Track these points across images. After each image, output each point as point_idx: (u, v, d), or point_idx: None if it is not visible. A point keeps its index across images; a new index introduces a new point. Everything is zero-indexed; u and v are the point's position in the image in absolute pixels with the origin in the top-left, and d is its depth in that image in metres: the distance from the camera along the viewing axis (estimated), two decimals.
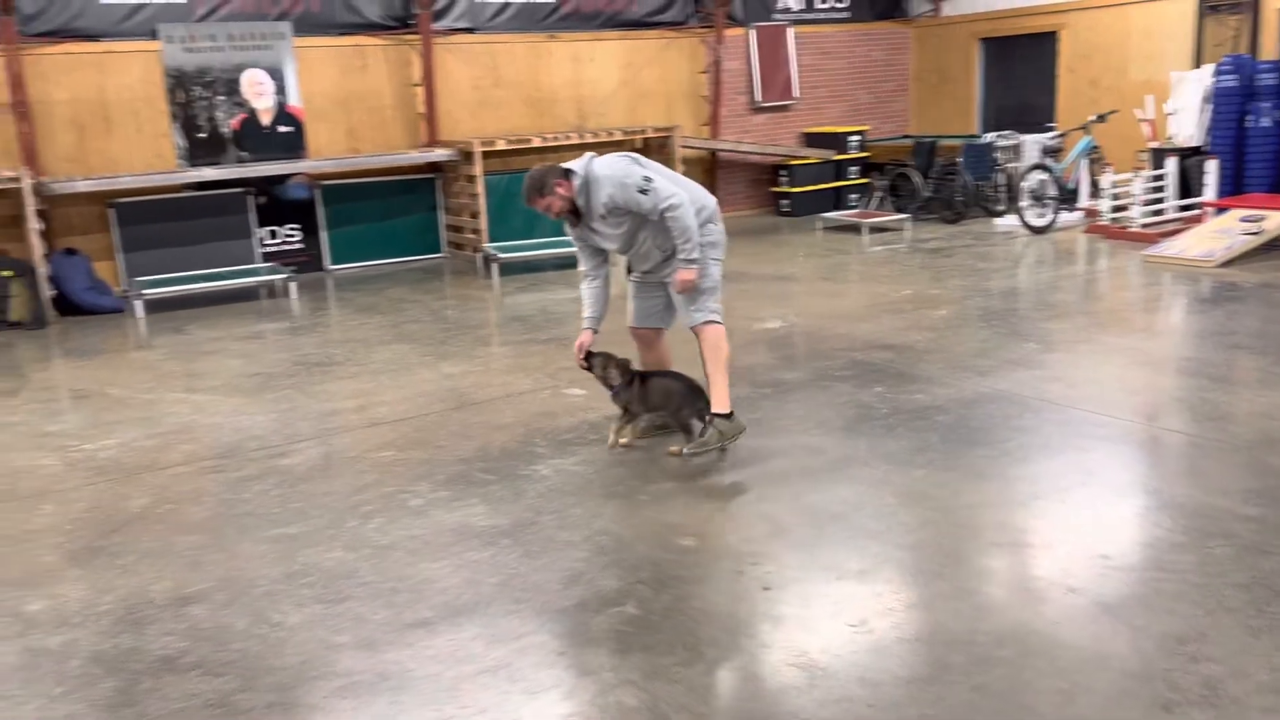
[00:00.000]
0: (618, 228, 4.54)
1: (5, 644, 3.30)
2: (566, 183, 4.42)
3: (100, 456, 5.11)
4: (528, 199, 4.47)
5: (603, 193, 4.40)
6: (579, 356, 4.78)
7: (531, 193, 4.44)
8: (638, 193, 4.38)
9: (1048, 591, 3.33)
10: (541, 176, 4.43)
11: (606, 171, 4.43)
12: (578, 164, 4.46)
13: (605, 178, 4.41)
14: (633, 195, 4.39)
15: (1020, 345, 6.30)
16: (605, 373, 4.73)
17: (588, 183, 4.43)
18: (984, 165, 11.39)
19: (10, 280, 8.22)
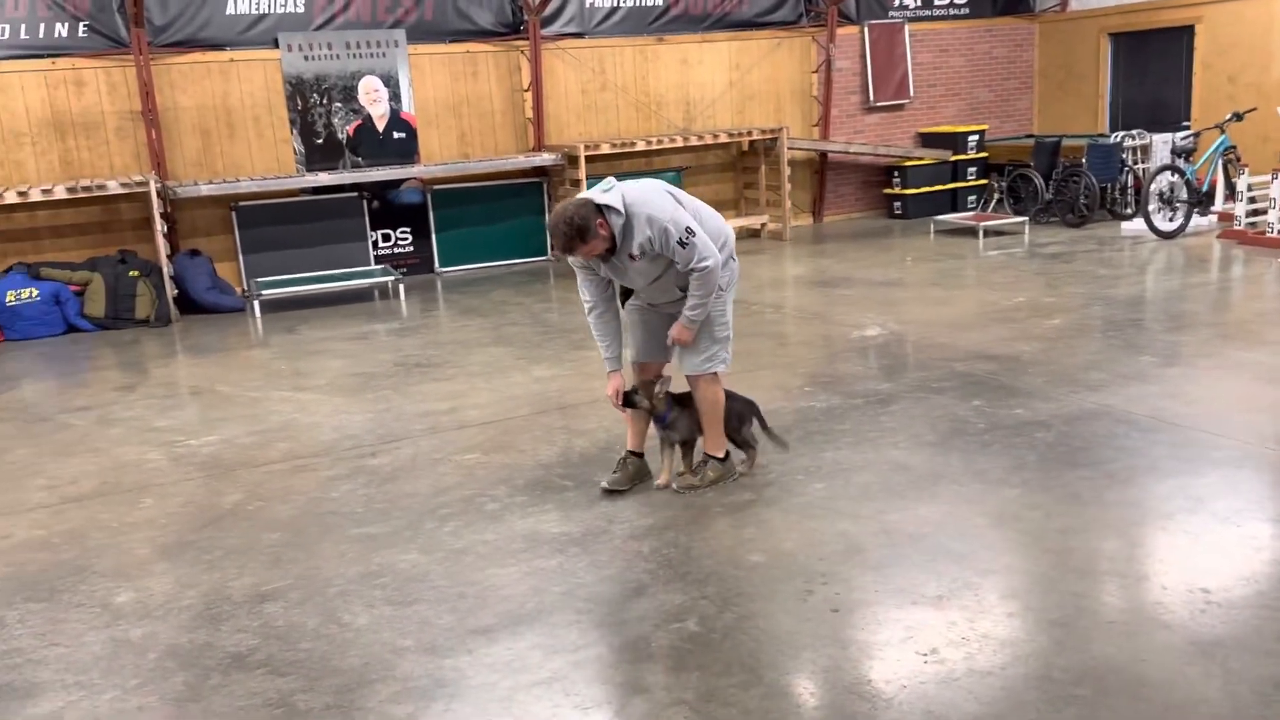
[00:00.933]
0: (647, 267, 4.07)
1: (93, 633, 3.45)
2: (605, 221, 3.89)
3: (202, 452, 5.31)
4: (566, 247, 3.85)
5: (641, 235, 3.91)
6: (616, 402, 4.30)
7: (572, 240, 3.82)
8: (677, 244, 3.92)
9: (1138, 626, 3.11)
10: (582, 219, 3.80)
11: (647, 211, 3.90)
12: (612, 198, 3.89)
13: (647, 219, 3.90)
14: (671, 245, 3.93)
15: (1136, 359, 5.96)
16: (655, 402, 4.30)
17: (628, 222, 3.91)
18: (1110, 166, 10.86)
19: (137, 280, 8.67)
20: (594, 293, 4.20)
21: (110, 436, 5.68)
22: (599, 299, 4.20)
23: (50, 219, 9.09)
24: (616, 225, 3.89)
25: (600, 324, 4.22)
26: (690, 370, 4.27)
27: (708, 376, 4.26)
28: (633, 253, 3.96)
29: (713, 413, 4.33)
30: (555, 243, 3.88)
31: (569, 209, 3.82)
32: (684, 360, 4.28)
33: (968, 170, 12.33)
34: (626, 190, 3.93)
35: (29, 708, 3.03)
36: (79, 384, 6.97)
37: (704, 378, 4.26)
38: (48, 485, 4.95)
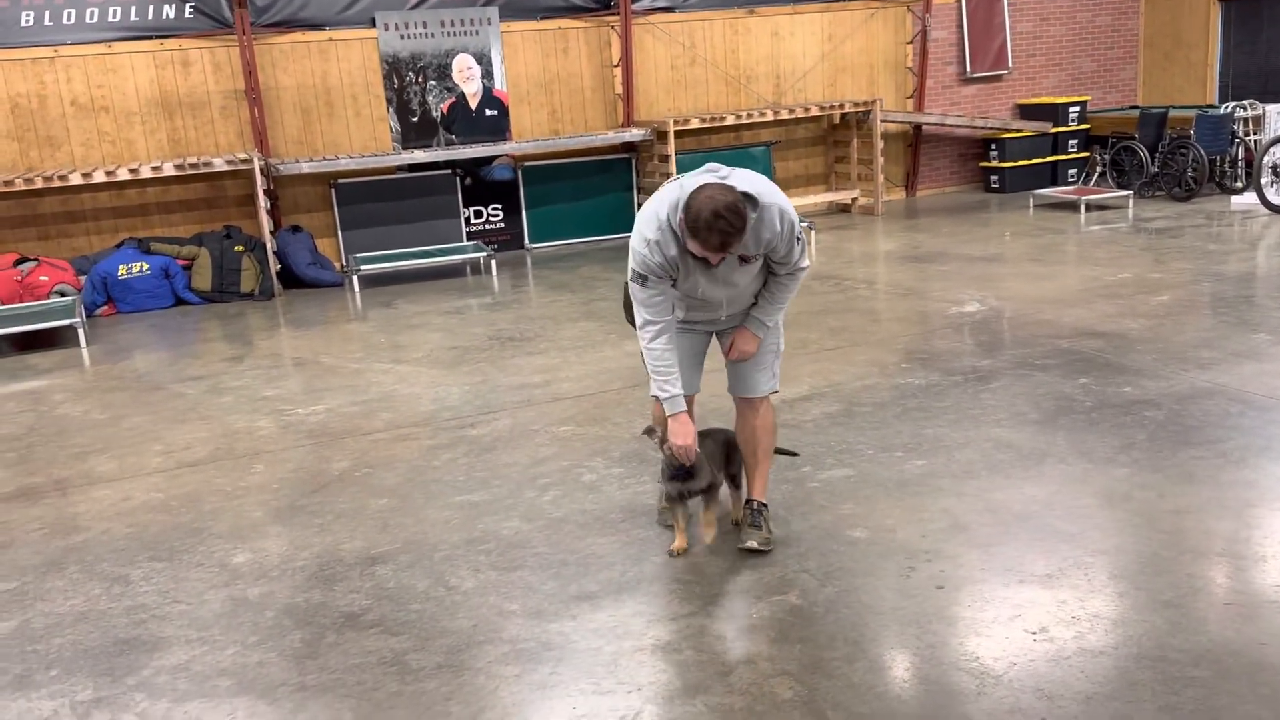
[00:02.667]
0: (750, 271, 3.40)
1: (213, 591, 3.60)
2: None
3: (310, 421, 5.48)
4: (725, 244, 3.09)
5: (771, 230, 3.27)
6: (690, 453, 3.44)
7: (735, 236, 3.08)
8: (796, 239, 3.35)
9: (1257, 609, 3.02)
10: (744, 212, 3.08)
11: (778, 203, 3.27)
12: (746, 185, 3.19)
13: (779, 211, 3.27)
14: (791, 241, 3.33)
15: (1249, 336, 5.74)
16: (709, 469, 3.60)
17: (760, 216, 3.23)
18: (1220, 138, 10.42)
19: (242, 255, 8.95)
20: (662, 311, 3.36)
21: (221, 405, 5.89)
22: (666, 318, 3.37)
23: (159, 195, 9.43)
24: (750, 220, 3.16)
25: (668, 350, 3.38)
26: (758, 391, 3.64)
27: (769, 399, 3.70)
28: (749, 254, 3.32)
29: (773, 436, 3.74)
30: (711, 240, 3.06)
31: (725, 195, 3.05)
32: (747, 381, 3.64)
33: (1069, 143, 11.96)
34: (748, 178, 3.24)
35: (157, 659, 3.18)
36: (189, 355, 7.24)
37: (767, 400, 3.69)
38: (164, 451, 5.17)
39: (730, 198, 3.06)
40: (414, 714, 2.80)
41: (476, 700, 2.85)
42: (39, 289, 8.32)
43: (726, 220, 3.03)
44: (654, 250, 3.24)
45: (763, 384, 3.65)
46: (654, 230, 3.24)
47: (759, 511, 3.68)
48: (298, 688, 2.97)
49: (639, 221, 3.30)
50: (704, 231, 3.06)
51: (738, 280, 3.41)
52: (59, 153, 9.10)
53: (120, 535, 4.15)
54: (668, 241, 3.23)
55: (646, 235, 3.25)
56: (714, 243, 3.08)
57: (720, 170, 3.24)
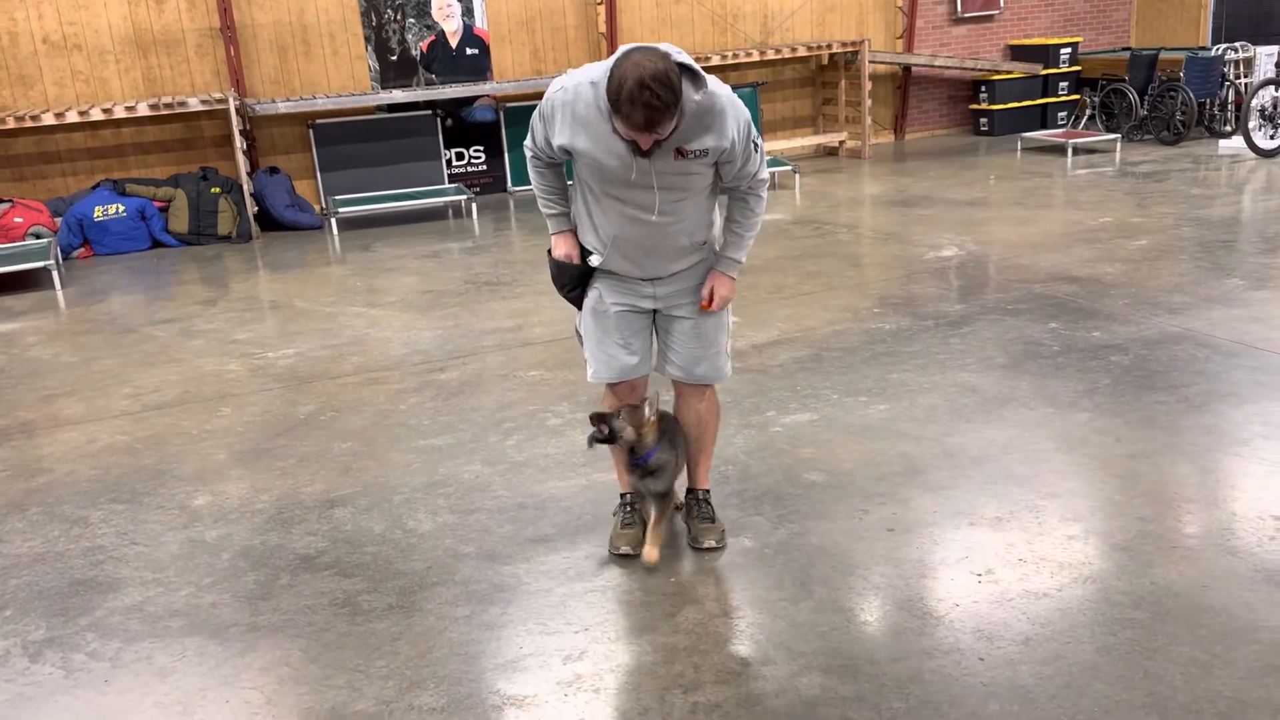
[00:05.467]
0: (679, 180, 2.83)
1: (171, 534, 3.62)
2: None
3: (279, 365, 5.47)
4: (651, 124, 2.55)
5: (720, 127, 2.74)
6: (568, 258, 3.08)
7: (665, 112, 2.53)
8: (749, 143, 2.83)
9: (1201, 552, 3.04)
10: (676, 84, 2.53)
11: (731, 96, 2.78)
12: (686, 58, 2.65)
13: (731, 104, 2.76)
14: (745, 145, 2.82)
15: (1223, 281, 5.72)
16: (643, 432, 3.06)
17: (707, 106, 2.71)
18: (1210, 81, 10.30)
19: (219, 196, 8.86)
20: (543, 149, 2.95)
21: (192, 348, 5.87)
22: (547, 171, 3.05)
23: (134, 136, 9.30)
24: (690, 103, 2.65)
25: (550, 174, 3.05)
26: (708, 376, 3.18)
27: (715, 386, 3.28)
28: (687, 148, 2.74)
29: (718, 425, 3.38)
30: (634, 116, 2.52)
31: (655, 62, 2.51)
32: (696, 365, 3.14)
33: (1059, 85, 11.81)
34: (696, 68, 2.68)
35: (111, 600, 3.20)
36: (164, 297, 7.20)
37: (714, 387, 3.29)
38: (132, 394, 5.16)
39: (661, 65, 2.51)
40: (362, 654, 2.83)
41: (424, 640, 2.88)
42: (14, 230, 8.24)
43: (652, 91, 2.48)
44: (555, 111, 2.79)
45: (716, 368, 3.18)
46: (569, 91, 2.75)
47: (706, 501, 3.36)
48: (249, 628, 2.99)
49: (562, 76, 2.83)
50: (625, 105, 2.51)
51: (672, 185, 2.82)
52: (32, 92, 8.96)
53: (83, 477, 4.16)
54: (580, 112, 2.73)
55: (564, 90, 2.77)
56: (637, 119, 2.53)
57: (672, 51, 2.65)
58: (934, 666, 2.62)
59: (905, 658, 2.66)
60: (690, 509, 3.39)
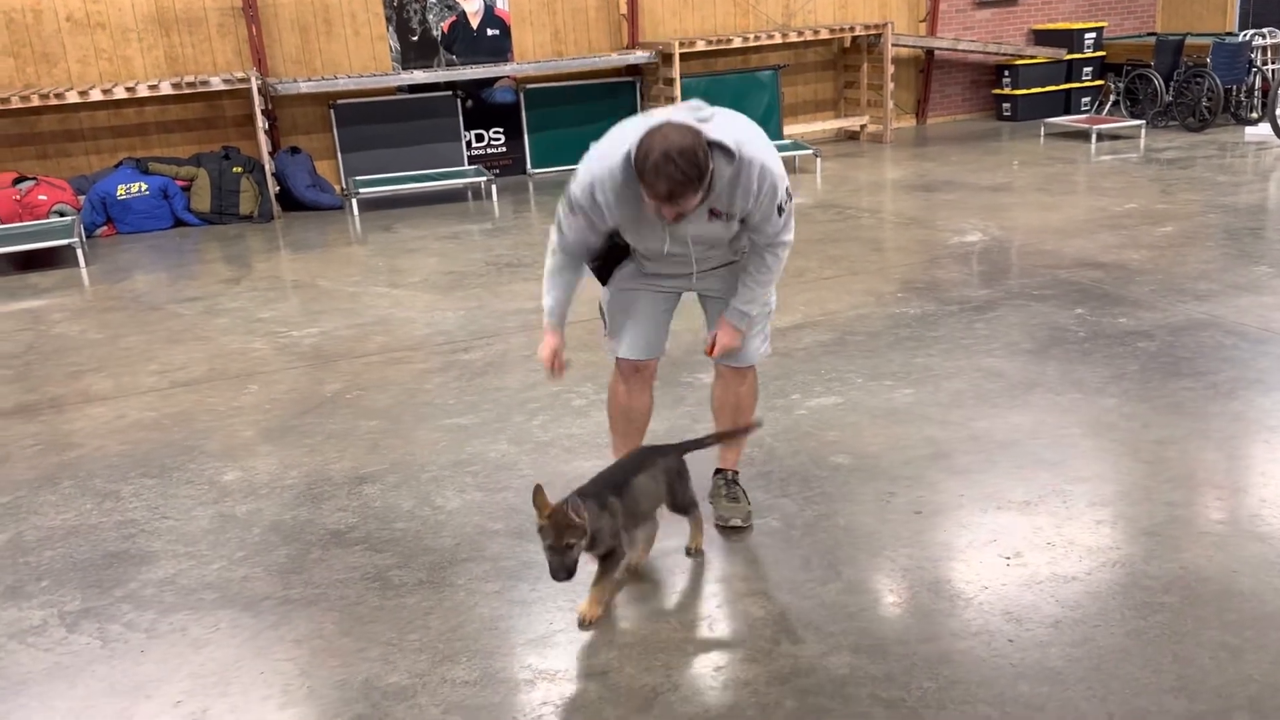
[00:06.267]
0: (720, 231, 2.91)
1: (202, 508, 3.65)
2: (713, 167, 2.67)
3: (304, 343, 5.50)
4: (674, 197, 2.60)
5: (747, 187, 2.77)
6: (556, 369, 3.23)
7: (689, 186, 2.58)
8: (776, 209, 2.85)
9: (1230, 537, 3.03)
10: (701, 160, 2.58)
11: (761, 158, 2.76)
12: (722, 133, 2.68)
13: (761, 169, 2.75)
14: (769, 208, 2.83)
15: (1250, 268, 5.69)
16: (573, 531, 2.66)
17: (737, 170, 2.73)
18: (1237, 67, 10.20)
19: (241, 176, 8.89)
20: (577, 244, 2.99)
21: (217, 326, 5.91)
22: (579, 252, 3.03)
23: (157, 115, 9.34)
24: (722, 176, 2.71)
25: (566, 273, 3.08)
26: (749, 360, 3.23)
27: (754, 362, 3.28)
28: (719, 209, 2.82)
29: (754, 410, 3.39)
30: (657, 187, 2.58)
31: (679, 138, 2.56)
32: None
33: (1083, 70, 11.72)
34: (732, 124, 2.75)
35: (144, 573, 3.24)
36: (187, 276, 7.24)
37: (755, 370, 3.33)
38: (159, 370, 5.20)
39: (687, 141, 2.56)
40: (394, 627, 2.86)
41: (455, 615, 2.90)
42: (38, 208, 8.29)
43: (676, 166, 2.53)
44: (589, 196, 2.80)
45: (753, 350, 3.21)
46: (605, 167, 2.76)
47: (734, 482, 3.38)
48: (281, 601, 3.02)
49: (599, 146, 2.82)
50: (650, 176, 2.58)
51: (708, 236, 2.91)
52: (55, 69, 9.00)
53: (113, 452, 4.20)
54: (618, 183, 2.74)
55: (590, 174, 2.79)
56: (660, 190, 2.58)
57: (702, 110, 2.74)
58: (963, 648, 2.63)
59: (934, 639, 2.67)
60: (717, 488, 3.40)
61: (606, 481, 2.89)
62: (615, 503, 2.81)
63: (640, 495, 2.92)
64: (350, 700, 2.56)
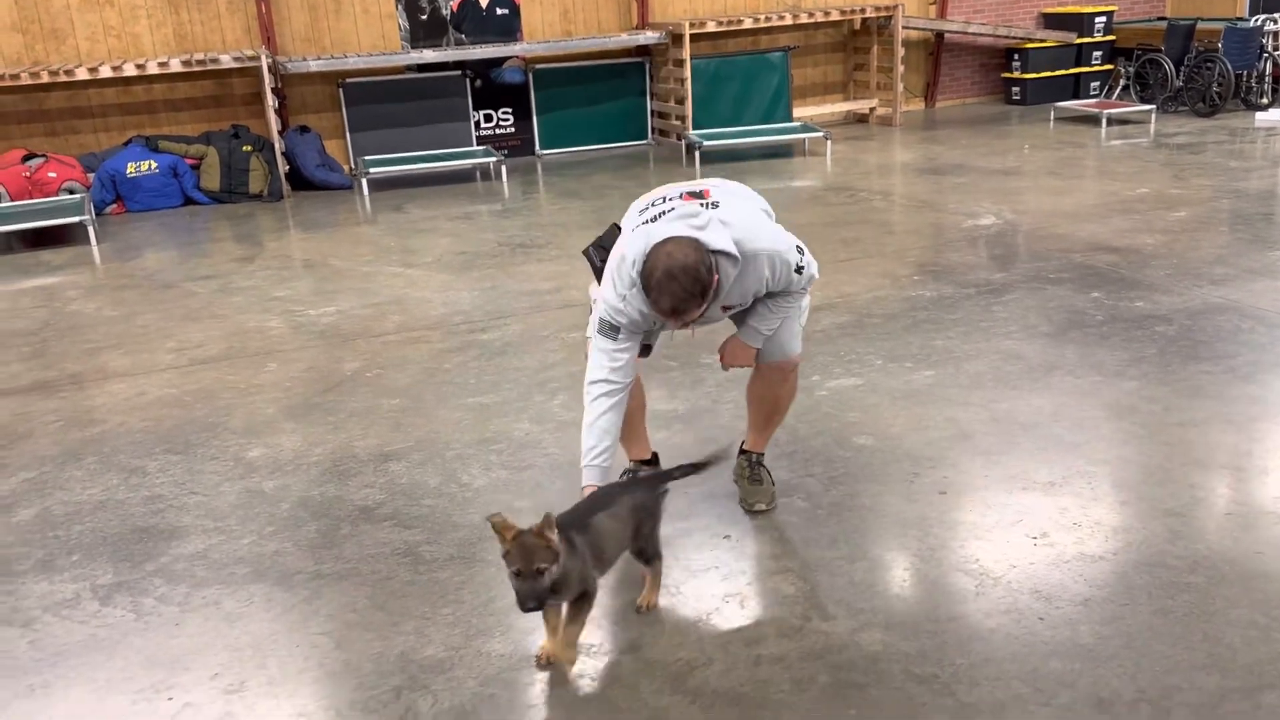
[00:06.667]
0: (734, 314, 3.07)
1: (229, 484, 3.67)
2: (717, 277, 2.74)
3: (321, 322, 5.50)
4: (679, 309, 2.65)
5: (757, 279, 2.87)
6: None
7: (689, 304, 2.65)
8: (795, 272, 2.92)
9: (1256, 520, 3.06)
10: (704, 276, 2.64)
11: (766, 249, 2.84)
12: (721, 240, 2.74)
13: (768, 259, 2.84)
14: (785, 280, 2.92)
15: (1265, 253, 5.70)
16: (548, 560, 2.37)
17: (743, 270, 2.82)
18: (1248, 52, 10.18)
19: (251, 155, 8.87)
20: (624, 372, 2.89)
21: (232, 304, 5.91)
22: (625, 380, 2.90)
23: (166, 93, 9.31)
24: (729, 278, 2.80)
25: (612, 414, 2.88)
26: (780, 356, 3.16)
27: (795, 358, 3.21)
28: (731, 304, 2.94)
29: (788, 408, 3.38)
30: (661, 303, 2.64)
31: (682, 255, 2.62)
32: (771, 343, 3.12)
33: (1093, 54, 11.69)
34: (727, 218, 2.80)
35: (175, 547, 3.26)
36: (199, 254, 7.23)
37: (796, 365, 3.24)
38: (176, 348, 5.20)
39: (691, 258, 2.61)
40: (427, 602, 2.88)
41: (487, 590, 2.92)
42: (47, 185, 8.27)
43: (680, 284, 2.60)
44: (629, 303, 2.78)
45: (786, 346, 3.15)
46: (627, 283, 2.77)
47: (759, 464, 3.36)
48: (314, 575, 3.04)
49: (611, 266, 2.85)
50: (654, 294, 2.64)
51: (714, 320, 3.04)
52: (64, 46, 8.96)
53: (136, 428, 4.21)
54: (639, 296, 2.75)
55: (620, 288, 2.79)
56: (665, 307, 2.64)
57: (698, 216, 2.75)
58: (994, 625, 2.65)
59: (964, 616, 2.70)
60: (741, 470, 3.41)
61: (568, 520, 2.55)
62: (581, 542, 2.52)
63: (604, 536, 2.60)
64: (387, 673, 2.59)
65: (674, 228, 2.74)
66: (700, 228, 2.74)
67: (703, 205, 2.83)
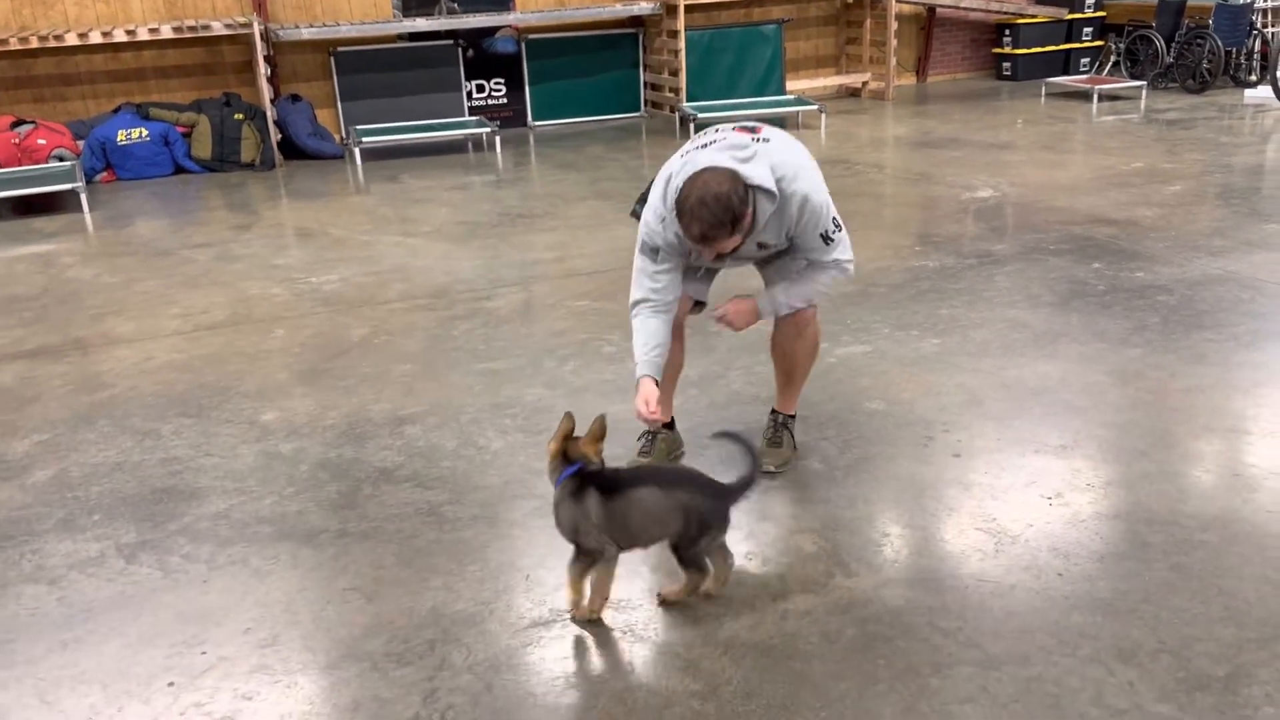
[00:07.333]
0: (770, 255, 3.12)
1: (245, 446, 3.68)
2: (753, 210, 2.78)
3: (324, 289, 5.49)
4: (706, 239, 2.71)
5: (788, 221, 2.91)
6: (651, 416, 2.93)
7: (718, 231, 2.68)
8: (820, 236, 2.97)
9: (1263, 480, 3.13)
10: (735, 204, 2.67)
11: (803, 190, 2.86)
12: (762, 175, 2.77)
13: (803, 201, 2.87)
14: (813, 235, 2.97)
15: (1261, 226, 5.77)
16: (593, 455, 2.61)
17: (780, 207, 2.86)
18: (1239, 29, 10.25)
19: (242, 123, 8.79)
20: (666, 290, 2.96)
21: (233, 271, 5.89)
22: (668, 298, 2.98)
23: (155, 59, 9.21)
24: (764, 214, 2.82)
25: (658, 322, 2.98)
26: (802, 300, 3.14)
27: (815, 317, 3.24)
28: (766, 242, 2.96)
29: (810, 365, 3.38)
30: (691, 229, 2.69)
31: (716, 184, 2.65)
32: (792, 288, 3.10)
33: (1083, 30, 11.74)
34: (774, 156, 2.83)
35: (196, 508, 3.27)
36: (194, 222, 7.18)
37: (813, 318, 3.23)
38: (181, 314, 5.19)
39: (723, 187, 2.65)
40: (454, 559, 2.91)
41: (513, 548, 2.96)
42: (37, 152, 8.18)
43: (710, 211, 2.63)
44: (666, 226, 2.87)
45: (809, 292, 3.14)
46: (667, 206, 2.84)
47: (783, 426, 3.40)
48: (339, 534, 3.06)
49: (656, 188, 2.93)
50: (685, 219, 2.70)
51: (765, 255, 3.07)
52: (52, 11, 8.84)
53: (147, 392, 4.21)
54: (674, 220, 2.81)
55: (660, 210, 2.87)
56: (694, 233, 2.70)
57: (746, 149, 2.79)
58: (1014, 581, 2.71)
59: (985, 573, 2.75)
60: (766, 429, 3.46)
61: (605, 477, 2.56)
62: (598, 502, 2.50)
63: (635, 513, 2.53)
64: (421, 626, 2.62)
65: (717, 157, 2.76)
66: (743, 160, 2.77)
67: (754, 140, 2.85)
